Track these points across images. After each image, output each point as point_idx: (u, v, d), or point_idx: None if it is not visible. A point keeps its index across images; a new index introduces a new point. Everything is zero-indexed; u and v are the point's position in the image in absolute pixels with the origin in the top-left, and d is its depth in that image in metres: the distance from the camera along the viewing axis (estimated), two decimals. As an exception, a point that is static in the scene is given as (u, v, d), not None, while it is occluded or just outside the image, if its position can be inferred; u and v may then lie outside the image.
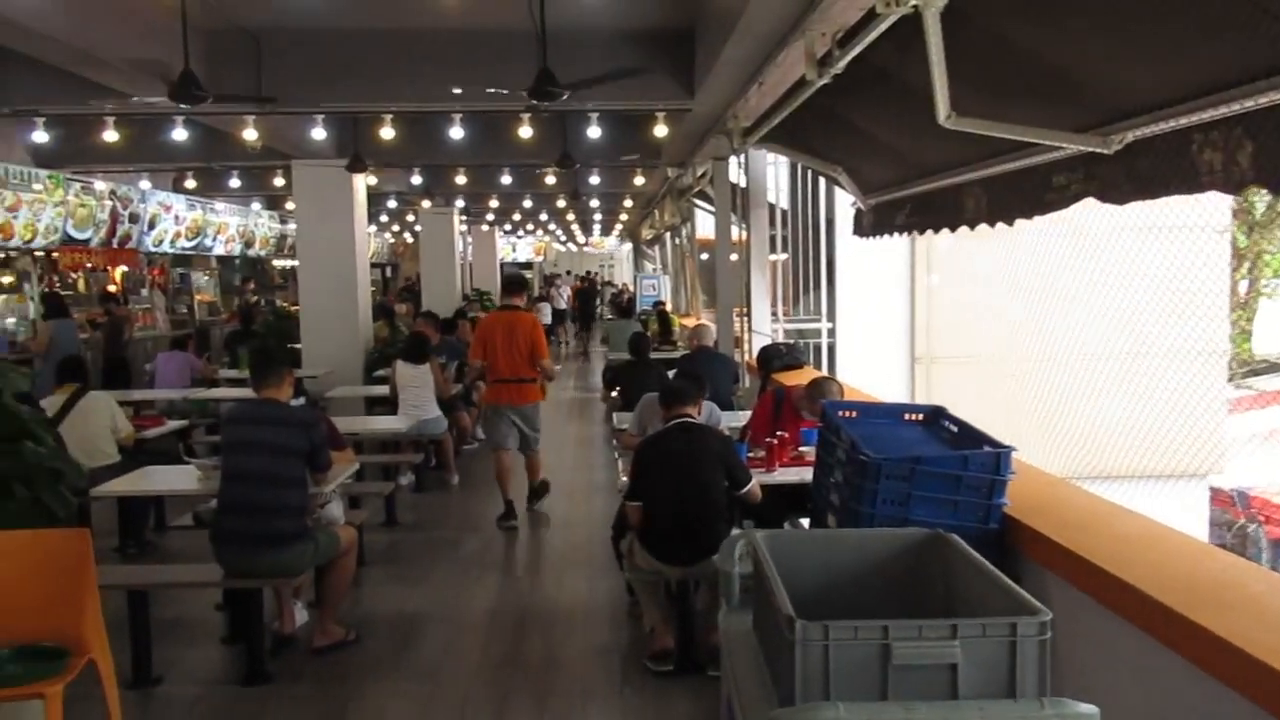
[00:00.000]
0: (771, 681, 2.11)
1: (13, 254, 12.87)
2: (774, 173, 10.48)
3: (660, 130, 8.76)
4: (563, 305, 26.31)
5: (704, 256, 17.78)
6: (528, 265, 36.18)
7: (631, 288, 30.58)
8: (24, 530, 3.81)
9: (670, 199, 16.03)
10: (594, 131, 9.12)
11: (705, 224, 16.22)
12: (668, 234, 21.71)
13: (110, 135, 8.84)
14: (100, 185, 13.39)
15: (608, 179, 15.24)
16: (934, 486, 3.36)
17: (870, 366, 9.31)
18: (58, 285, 14.00)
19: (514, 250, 36.17)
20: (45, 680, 3.42)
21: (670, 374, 8.57)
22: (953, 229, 5.23)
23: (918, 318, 10.54)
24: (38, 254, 13.30)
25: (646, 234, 25.67)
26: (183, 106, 6.61)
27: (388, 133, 8.63)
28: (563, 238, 35.72)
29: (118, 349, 11.80)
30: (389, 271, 31.31)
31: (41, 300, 12.43)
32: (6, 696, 3.51)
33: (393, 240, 30.22)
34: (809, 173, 10.27)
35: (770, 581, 2.09)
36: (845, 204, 8.75)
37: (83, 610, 3.67)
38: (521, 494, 7.89)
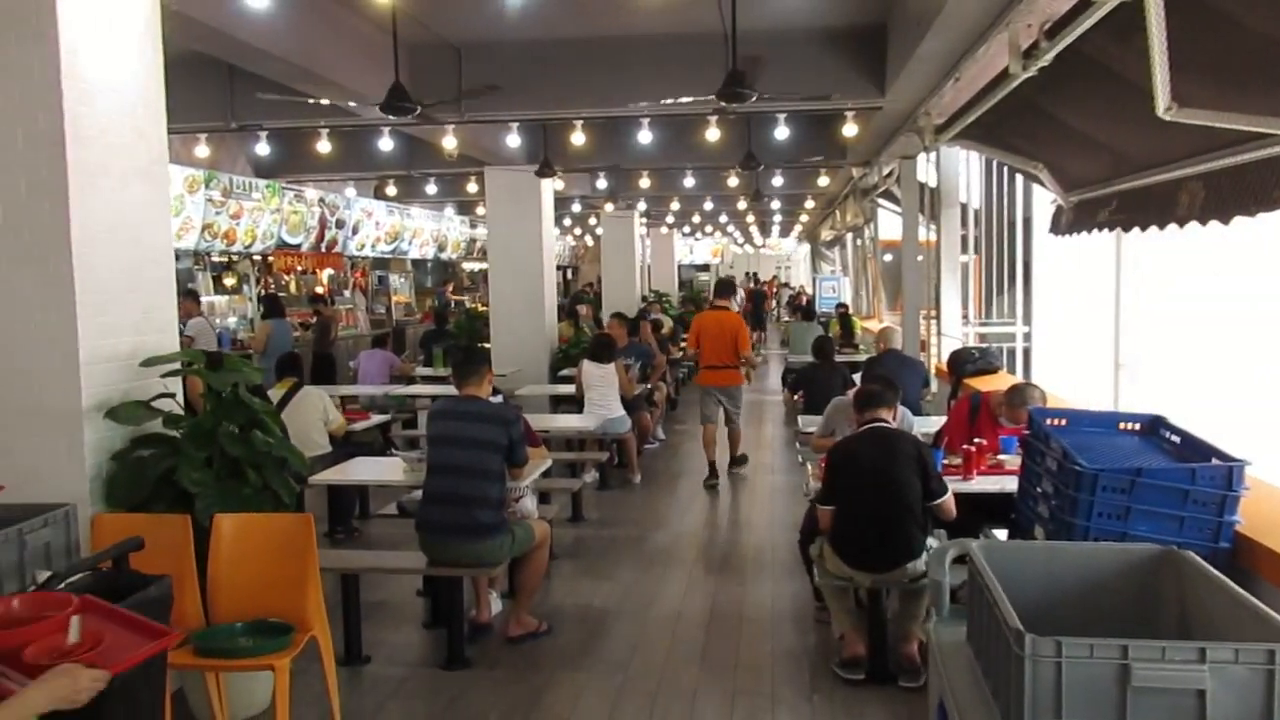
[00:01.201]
0: (992, 697, 2.04)
1: (234, 258, 13.93)
2: (964, 170, 10.14)
3: (849, 130, 8.62)
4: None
5: (887, 258, 17.38)
6: (705, 267, 36.34)
7: (809, 289, 30.23)
8: (256, 514, 4.11)
9: (853, 199, 15.74)
10: (780, 132, 9.06)
11: (888, 224, 15.87)
12: (849, 235, 21.33)
13: (324, 146, 9.45)
14: (310, 193, 14.31)
15: (790, 180, 15.12)
16: (1157, 500, 3.17)
17: (1071, 372, 8.84)
18: (272, 287, 15.04)
19: (691, 252, 36.38)
20: (275, 653, 3.68)
21: (855, 377, 8.43)
22: (1161, 226, 4.91)
23: (1122, 320, 9.95)
24: (255, 258, 14.34)
25: (826, 235, 25.31)
26: (390, 117, 6.99)
27: (578, 138, 8.85)
28: (740, 239, 35.66)
29: (325, 347, 12.57)
30: (569, 274, 32.11)
31: (260, 301, 13.39)
32: (241, 666, 3.81)
33: (574, 243, 30.96)
34: (1004, 170, 9.87)
35: (992, 593, 2.01)
36: (1043, 202, 8.36)
37: (306, 590, 3.92)
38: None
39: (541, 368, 11.97)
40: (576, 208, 19.07)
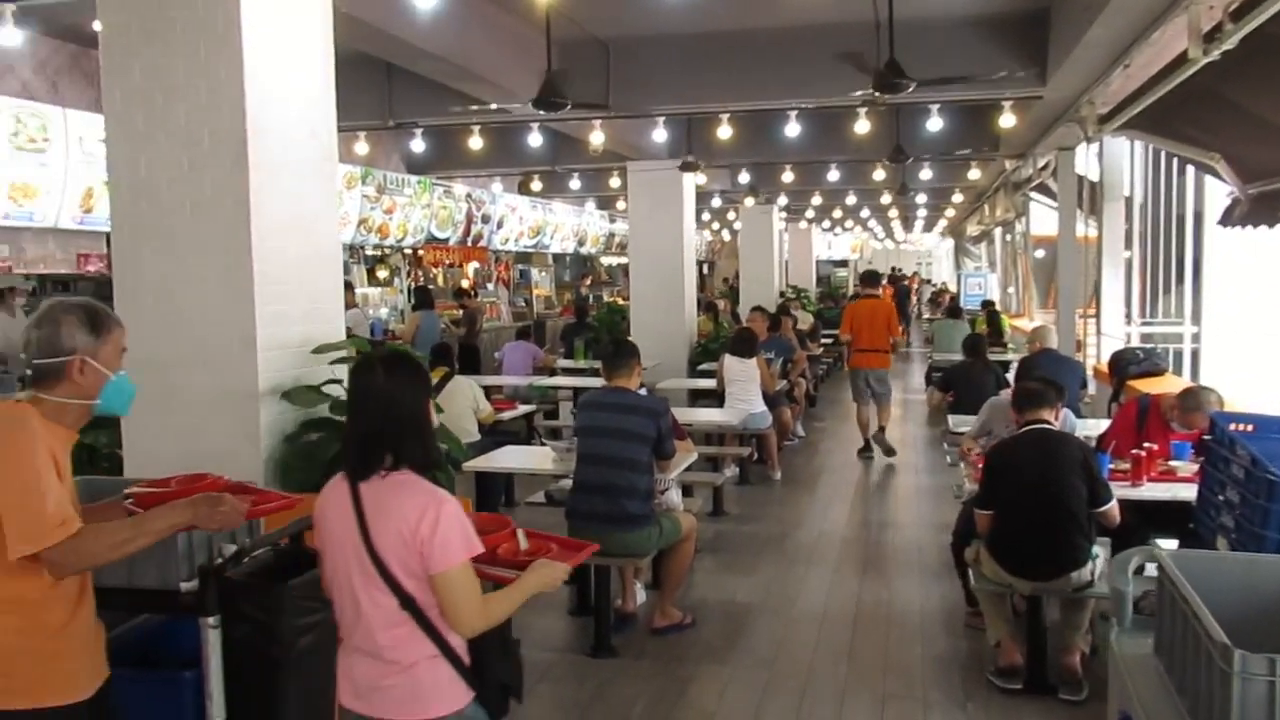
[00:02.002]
0: (1188, 714, 1.93)
1: (387, 251, 14.47)
2: (1127, 162, 9.66)
3: (1006, 120, 8.31)
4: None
5: (1039, 253, 16.72)
6: (843, 263, 35.72)
7: (951, 286, 29.35)
8: (417, 497, 4.25)
9: (1004, 192, 15.22)
10: (933, 124, 8.81)
11: (1041, 219, 15.26)
12: (997, 230, 20.63)
13: (475, 143, 9.71)
14: (459, 189, 14.72)
15: (939, 173, 14.70)
16: (1360, 513, 2.93)
17: (1246, 374, 8.32)
18: (421, 280, 15.55)
19: (829, 247, 35.84)
20: (435, 633, 3.79)
21: (1008, 376, 8.15)
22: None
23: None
24: (406, 251, 14.86)
25: (972, 230, 24.53)
26: (541, 113, 7.11)
27: (724, 132, 8.83)
28: (880, 234, 34.92)
29: (470, 338, 12.93)
30: (705, 269, 32.09)
31: (410, 293, 13.87)
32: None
33: (710, 238, 30.92)
34: (1171, 161, 9.36)
35: (1191, 604, 1.90)
36: (1216, 195, 7.88)
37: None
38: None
39: (680, 362, 12.00)
40: (716, 202, 19.04)
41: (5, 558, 2.23)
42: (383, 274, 14.85)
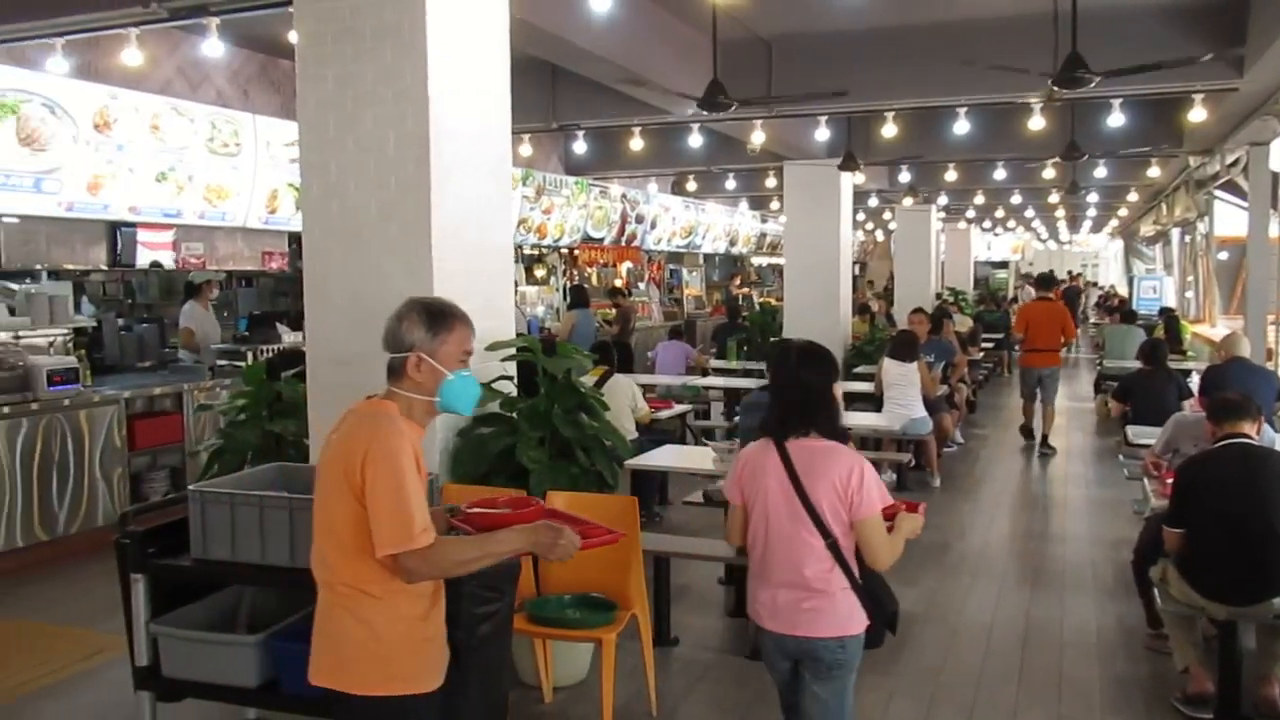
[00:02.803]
0: None
1: (545, 251, 14.79)
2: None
3: (1196, 114, 7.81)
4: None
5: (1221, 255, 15.70)
6: (1003, 264, 34.45)
7: (1120, 289, 27.91)
8: (585, 493, 4.33)
9: (1185, 191, 14.38)
10: (1114, 119, 8.35)
11: (1225, 218, 14.33)
12: (1175, 230, 19.48)
13: (636, 144, 9.82)
14: (615, 189, 14.91)
15: (1114, 170, 13.97)
16: None
17: None
18: (576, 279, 15.83)
19: (989, 248, 34.62)
20: (602, 628, 3.86)
21: (1191, 385, 7.69)
22: None
23: None
24: (562, 251, 15.14)
25: (1146, 230, 23.24)
26: (704, 114, 7.12)
27: (889, 130, 8.63)
28: (1043, 235, 33.50)
29: (624, 337, 13.06)
30: (857, 269, 31.49)
31: (566, 292, 14.13)
32: (571, 636, 4.03)
33: (863, 238, 30.35)
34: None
35: None
36: None
37: (630, 570, 4.08)
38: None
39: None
40: (873, 202, 18.67)
41: (376, 554, 2.35)
42: (540, 273, 15.18)
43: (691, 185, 16.37)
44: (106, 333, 8.47)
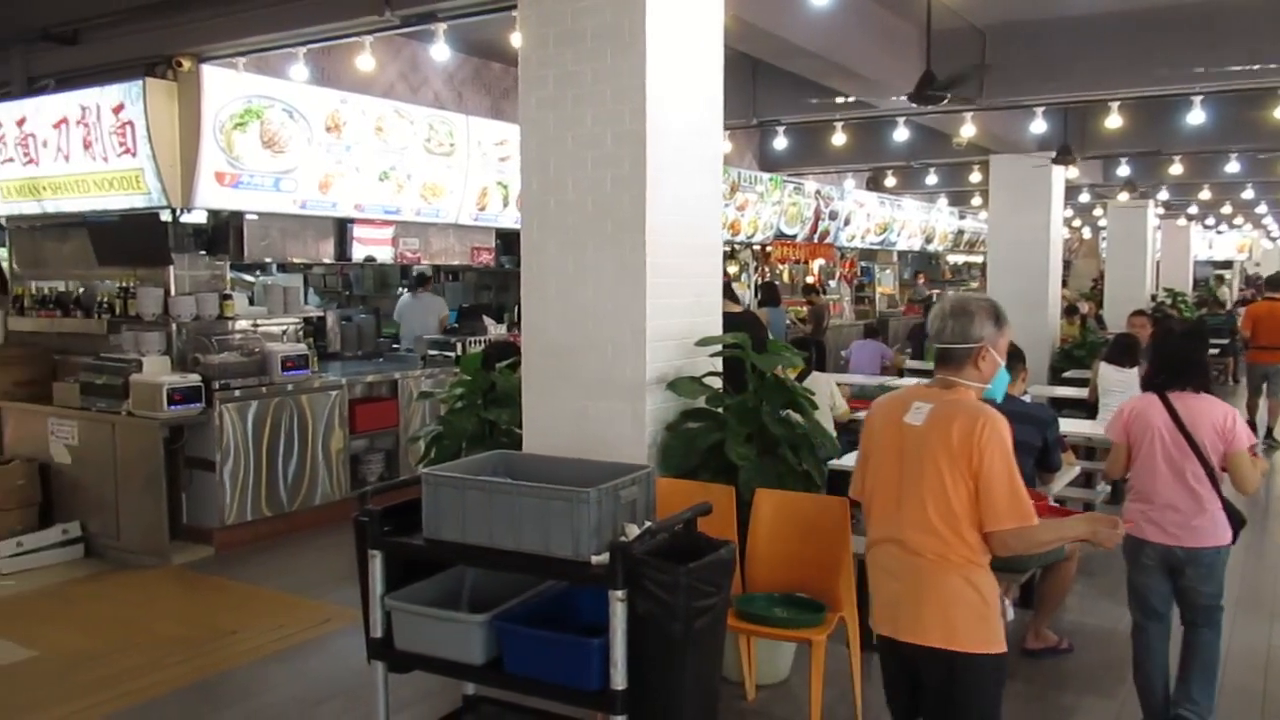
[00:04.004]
0: None
1: (737, 247, 14.76)
2: None
3: None
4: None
5: None
6: (1226, 264, 31.91)
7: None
8: (794, 492, 4.29)
9: None
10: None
11: None
12: None
13: (838, 139, 9.65)
14: (809, 185, 14.73)
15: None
16: None
17: None
18: (768, 276, 15.72)
19: (1210, 247, 32.11)
20: (812, 628, 3.82)
21: None
22: None
23: None
24: (755, 248, 15.08)
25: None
26: (912, 107, 6.92)
27: (1113, 121, 8.12)
28: (1275, 233, 30.80)
29: (817, 335, 12.91)
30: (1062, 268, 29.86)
31: (758, 289, 14.07)
32: (780, 635, 4.00)
33: (1068, 235, 28.77)
34: None
35: None
36: None
37: (839, 571, 4.02)
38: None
39: (1041, 367, 11.25)
40: (1084, 197, 17.67)
41: (986, 527, 2.70)
42: (733, 269, 15.16)
43: (890, 181, 15.96)
44: (329, 322, 9.06)
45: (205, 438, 6.74)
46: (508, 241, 9.64)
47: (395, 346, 9.74)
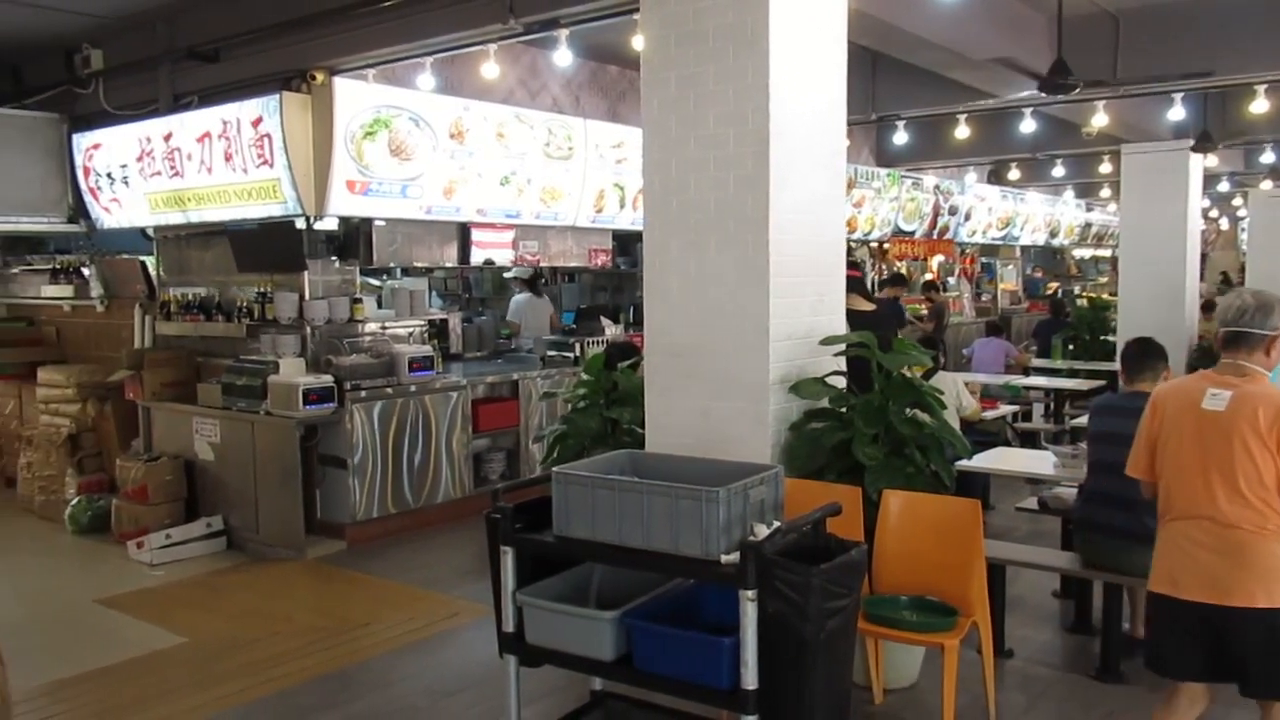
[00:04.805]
0: None
1: (853, 245, 14.54)
2: None
3: None
4: None
5: None
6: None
7: None
8: (923, 493, 4.21)
9: None
10: None
11: None
12: None
13: (961, 132, 9.42)
14: (928, 180, 14.41)
15: None
16: None
17: None
18: (885, 273, 15.43)
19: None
20: (944, 633, 3.74)
21: None
22: None
23: None
24: (871, 245, 14.83)
25: None
26: (1041, 96, 6.71)
27: (1258, 106, 7.70)
28: None
29: (938, 333, 12.61)
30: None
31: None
32: (911, 639, 3.93)
33: (1204, 226, 27.40)
34: None
35: None
36: None
37: (971, 575, 3.93)
38: None
39: (1178, 366, 10.74)
40: (1224, 186, 16.82)
41: None
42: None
43: (1014, 174, 15.49)
44: (451, 324, 9.29)
45: (337, 436, 6.99)
46: (623, 243, 9.72)
47: (513, 347, 9.92)
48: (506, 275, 10.53)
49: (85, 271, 8.88)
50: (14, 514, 8.21)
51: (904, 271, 15.87)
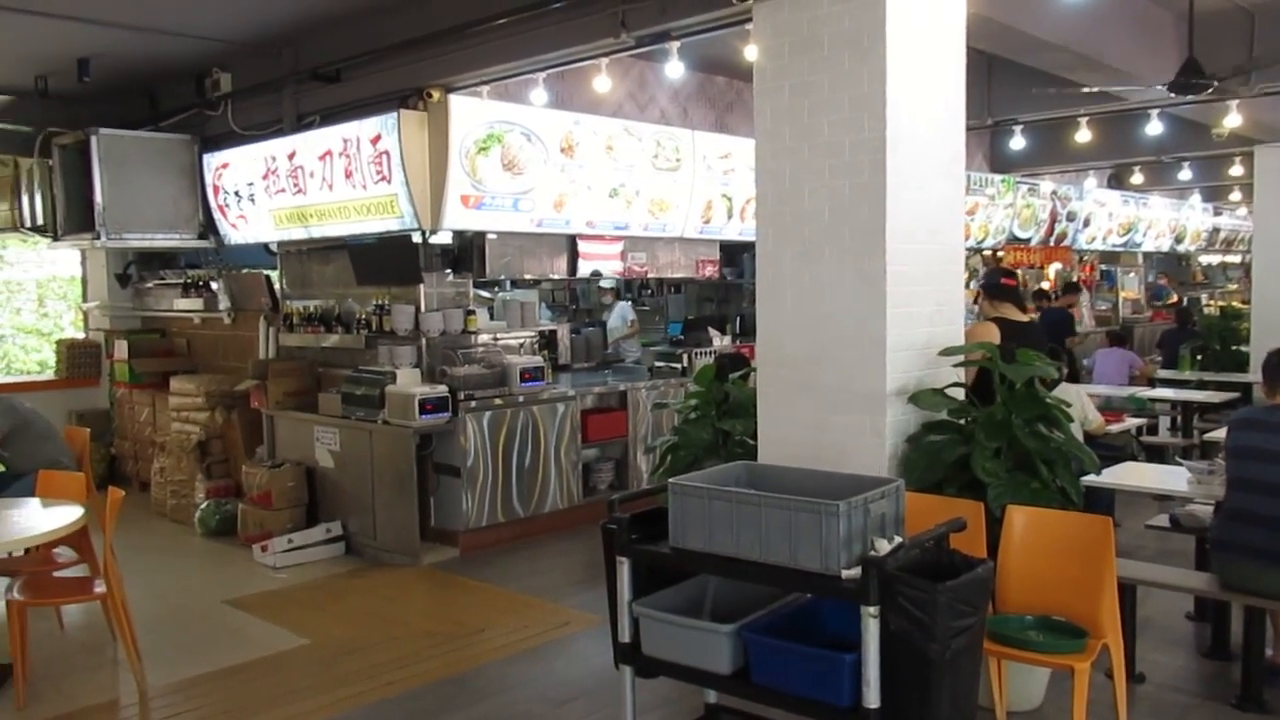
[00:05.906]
0: None
1: (968, 253, 14.19)
2: None
3: None
4: None
5: None
6: None
7: None
8: (1050, 510, 4.06)
9: None
10: None
11: None
12: None
13: (1082, 136, 9.10)
14: (1044, 186, 13.98)
15: None
16: None
17: None
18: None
19: None
20: (1074, 654, 3.59)
21: None
22: None
23: None
24: (985, 253, 14.44)
25: None
26: (1170, 97, 6.44)
27: None
28: None
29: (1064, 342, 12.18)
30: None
31: (983, 276, 13.45)
32: (1038, 661, 3.79)
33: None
34: None
35: None
36: None
37: (1101, 595, 3.77)
38: None
39: (1317, 379, 10.15)
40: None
41: None
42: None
43: (1136, 178, 14.91)
44: (560, 335, 9.40)
45: (452, 445, 7.13)
46: (730, 253, 9.67)
47: (619, 358, 9.97)
48: (603, 286, 10.60)
49: (214, 285, 9.27)
50: (148, 517, 8.60)
51: (1076, 280, 15.37)
